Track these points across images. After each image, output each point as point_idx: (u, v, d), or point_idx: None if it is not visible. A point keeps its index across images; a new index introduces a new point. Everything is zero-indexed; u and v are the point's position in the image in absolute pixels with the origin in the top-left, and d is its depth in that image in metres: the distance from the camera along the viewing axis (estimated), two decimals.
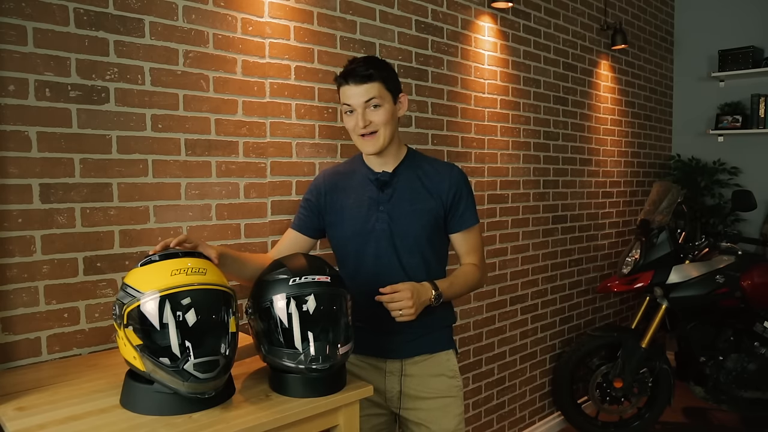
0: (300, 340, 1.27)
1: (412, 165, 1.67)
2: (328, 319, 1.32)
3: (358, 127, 1.56)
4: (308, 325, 1.28)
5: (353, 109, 1.56)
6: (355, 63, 1.57)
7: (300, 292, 1.29)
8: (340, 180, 1.71)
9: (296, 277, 1.31)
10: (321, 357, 1.27)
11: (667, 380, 3.09)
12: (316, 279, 1.32)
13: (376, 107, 1.55)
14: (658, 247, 2.99)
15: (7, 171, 1.42)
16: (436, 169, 1.67)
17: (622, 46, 3.58)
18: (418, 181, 1.65)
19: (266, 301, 1.30)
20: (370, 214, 1.63)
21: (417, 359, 1.67)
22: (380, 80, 1.55)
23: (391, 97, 1.59)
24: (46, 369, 1.43)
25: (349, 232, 1.66)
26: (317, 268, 1.35)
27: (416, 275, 1.60)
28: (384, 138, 1.58)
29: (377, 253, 1.62)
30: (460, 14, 2.62)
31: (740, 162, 4.15)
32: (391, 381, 1.68)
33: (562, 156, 3.28)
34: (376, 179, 1.64)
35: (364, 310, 1.63)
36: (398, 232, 1.62)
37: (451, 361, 1.71)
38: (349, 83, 1.55)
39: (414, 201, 1.63)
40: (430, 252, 1.65)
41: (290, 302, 1.28)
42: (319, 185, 1.72)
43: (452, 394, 1.69)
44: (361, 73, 1.53)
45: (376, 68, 1.56)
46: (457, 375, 1.71)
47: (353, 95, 1.55)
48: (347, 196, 1.67)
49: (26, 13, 1.43)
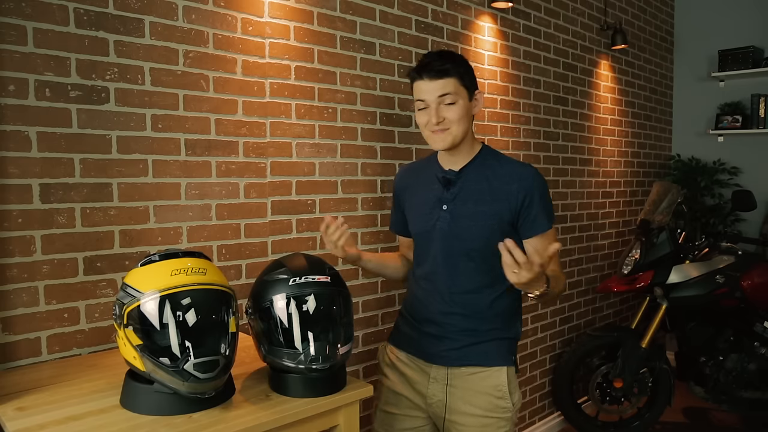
0: (300, 340, 1.27)
1: (482, 164, 1.59)
2: (328, 319, 1.32)
3: (431, 123, 1.50)
4: (308, 325, 1.28)
5: (427, 105, 1.50)
6: (431, 57, 1.51)
7: (300, 292, 1.29)
8: (412, 177, 1.70)
9: (296, 277, 1.31)
10: (321, 357, 1.27)
11: (667, 380, 3.09)
12: (316, 279, 1.32)
13: (450, 104, 1.49)
14: (658, 247, 2.99)
15: (7, 171, 1.42)
16: (506, 170, 1.57)
17: (622, 46, 3.58)
18: (485, 182, 1.56)
19: (266, 301, 1.30)
20: (433, 213, 1.60)
21: (464, 370, 1.59)
22: (456, 75, 1.49)
23: (467, 93, 1.52)
24: (46, 369, 1.43)
25: (415, 230, 1.65)
26: (317, 268, 1.35)
27: (472, 279, 1.56)
28: (456, 135, 1.52)
29: (436, 252, 1.59)
30: (460, 14, 2.62)
31: (740, 162, 4.15)
32: (435, 388, 1.62)
33: (562, 156, 3.27)
34: (443, 177, 1.60)
35: (418, 310, 1.65)
36: (458, 233, 1.56)
37: (502, 378, 1.58)
38: (424, 78, 1.49)
39: (478, 202, 1.55)
40: (492, 256, 1.46)
41: (290, 302, 1.28)
42: (396, 183, 1.75)
43: (496, 415, 1.57)
44: (437, 68, 1.47)
45: (453, 63, 1.49)
46: (507, 396, 1.57)
47: (427, 90, 1.49)
48: (417, 193, 1.66)
49: (26, 13, 1.43)
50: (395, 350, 1.72)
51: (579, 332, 3.45)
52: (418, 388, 1.65)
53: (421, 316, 1.64)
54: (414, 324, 1.67)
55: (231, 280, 1.84)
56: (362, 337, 2.24)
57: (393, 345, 1.74)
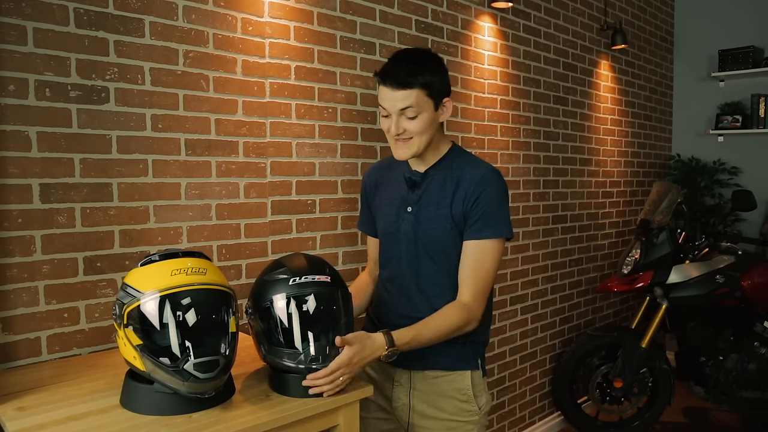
0: (300, 340, 1.27)
1: (447, 165, 1.54)
2: (328, 318, 1.32)
3: (392, 132, 1.46)
4: (308, 325, 1.28)
5: (388, 113, 1.45)
6: (397, 63, 1.43)
7: (300, 292, 1.29)
8: (381, 175, 1.67)
9: (296, 276, 1.31)
10: (321, 357, 1.27)
11: (667, 380, 3.09)
12: (316, 279, 1.31)
13: (412, 118, 1.43)
14: (658, 247, 2.99)
15: (7, 171, 1.42)
16: (467, 171, 1.51)
17: (622, 46, 3.58)
18: (449, 184, 1.52)
19: (266, 301, 1.30)
20: (399, 214, 1.57)
21: (428, 374, 1.56)
22: (420, 87, 1.40)
23: (432, 104, 1.44)
24: (46, 369, 1.43)
25: (382, 230, 1.61)
26: (317, 267, 1.35)
27: (433, 284, 1.53)
28: (419, 146, 1.47)
29: (400, 255, 1.56)
30: (460, 14, 2.62)
31: (740, 162, 4.15)
32: (399, 392, 1.60)
33: (562, 156, 3.27)
34: (409, 178, 1.57)
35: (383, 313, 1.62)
36: (422, 236, 1.52)
37: (466, 381, 1.55)
38: (387, 84, 1.41)
39: (440, 205, 1.51)
40: (455, 262, 1.50)
41: (290, 302, 1.28)
42: (366, 180, 1.71)
43: (462, 419, 1.54)
44: (401, 79, 1.40)
45: (419, 73, 1.40)
46: (472, 399, 1.54)
47: (388, 99, 1.43)
48: (385, 191, 1.62)
49: (26, 13, 1.43)
50: None
51: (579, 332, 3.46)
52: (384, 392, 1.63)
53: (386, 319, 1.60)
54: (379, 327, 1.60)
55: (231, 280, 1.84)
56: None
57: None
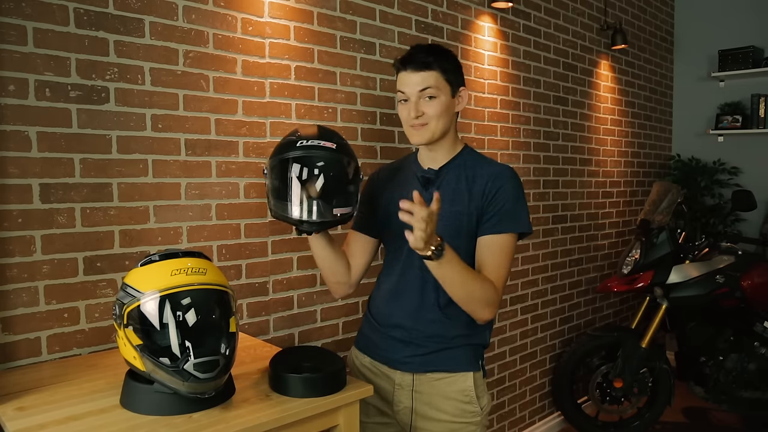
0: (299, 200, 1.36)
1: (461, 164, 1.55)
2: (334, 181, 1.38)
3: (410, 117, 1.48)
4: (308, 183, 1.36)
5: (407, 98, 1.48)
6: (417, 49, 1.49)
7: (304, 154, 1.36)
8: (390, 176, 1.66)
9: (304, 140, 1.39)
10: (317, 213, 1.36)
11: (667, 380, 3.09)
12: (321, 144, 1.39)
13: (431, 98, 1.46)
14: (658, 247, 2.99)
15: (7, 171, 1.42)
16: (485, 170, 1.52)
17: (622, 46, 3.58)
18: (463, 182, 1.52)
19: (275, 159, 1.39)
20: None
21: (430, 376, 1.54)
22: (439, 69, 1.46)
23: (450, 89, 1.49)
24: (46, 369, 1.43)
25: (390, 230, 1.60)
26: (327, 135, 1.42)
27: None
28: (434, 131, 1.48)
29: (410, 253, 1.52)
30: (460, 14, 2.62)
31: (740, 162, 4.15)
32: (401, 394, 1.57)
33: (562, 156, 3.28)
34: (422, 176, 1.57)
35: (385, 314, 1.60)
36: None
37: (468, 383, 1.53)
38: (407, 69, 1.47)
39: (454, 202, 1.50)
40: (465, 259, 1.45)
41: (293, 163, 1.36)
42: (372, 181, 1.68)
43: (465, 420, 1.53)
44: (420, 60, 1.45)
45: (437, 56, 1.47)
46: (474, 400, 1.53)
47: (409, 83, 1.47)
48: (394, 192, 1.61)
49: (26, 13, 1.43)
50: (359, 354, 1.67)
51: (579, 332, 3.46)
52: (384, 396, 1.61)
53: (388, 321, 1.59)
54: (379, 328, 1.61)
55: (231, 280, 1.84)
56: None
57: (357, 349, 1.69)
